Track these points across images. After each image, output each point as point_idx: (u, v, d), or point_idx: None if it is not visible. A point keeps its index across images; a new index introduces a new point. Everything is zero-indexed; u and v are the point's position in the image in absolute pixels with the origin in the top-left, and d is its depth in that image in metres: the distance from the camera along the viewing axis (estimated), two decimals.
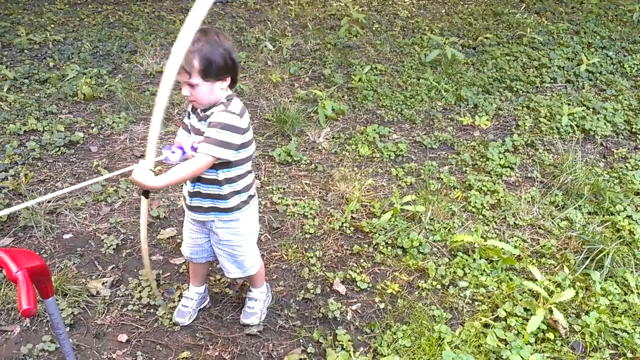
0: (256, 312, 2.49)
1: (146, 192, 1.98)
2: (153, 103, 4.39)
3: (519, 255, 2.97)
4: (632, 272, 2.87)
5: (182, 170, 1.93)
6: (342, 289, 2.72)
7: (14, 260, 1.51)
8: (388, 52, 5.63)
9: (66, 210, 3.13)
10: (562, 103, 4.60)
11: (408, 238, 3.02)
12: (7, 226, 2.99)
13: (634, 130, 4.32)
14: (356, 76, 4.93)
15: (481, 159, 3.85)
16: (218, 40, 1.88)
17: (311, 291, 2.69)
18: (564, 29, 6.34)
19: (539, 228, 3.23)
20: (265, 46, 5.44)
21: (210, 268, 2.77)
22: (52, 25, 5.85)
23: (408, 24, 6.46)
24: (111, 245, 2.89)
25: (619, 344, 2.49)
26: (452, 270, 2.85)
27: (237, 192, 2.11)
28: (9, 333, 2.39)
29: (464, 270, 2.85)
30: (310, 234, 3.08)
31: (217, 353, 2.36)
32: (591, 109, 4.55)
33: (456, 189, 3.52)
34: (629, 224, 3.21)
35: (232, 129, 1.94)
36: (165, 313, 2.51)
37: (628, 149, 4.11)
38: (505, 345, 2.42)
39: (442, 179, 3.61)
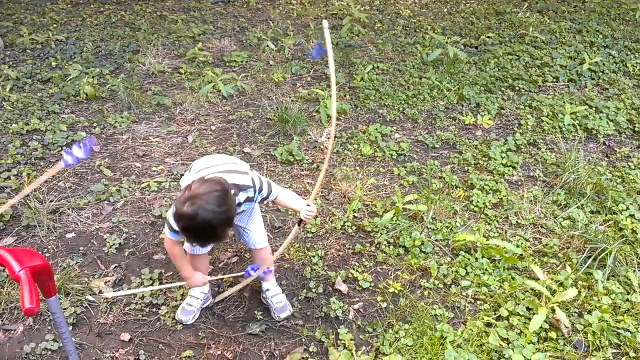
0: (286, 303, 2.57)
1: (301, 221, 2.32)
2: (155, 102, 4.39)
3: (521, 255, 2.97)
4: (634, 271, 2.87)
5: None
6: (344, 288, 2.72)
7: (17, 259, 1.52)
8: (390, 51, 5.63)
9: (69, 209, 3.14)
10: (564, 102, 4.59)
11: (410, 237, 3.02)
12: (10, 225, 3.00)
13: (636, 129, 4.31)
14: (358, 75, 4.92)
15: (483, 158, 3.85)
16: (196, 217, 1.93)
17: (313, 290, 2.70)
18: (566, 28, 6.33)
19: (541, 227, 3.23)
20: (267, 45, 5.45)
21: (212, 267, 2.77)
22: (55, 25, 5.86)
23: (410, 23, 6.46)
24: (114, 244, 2.90)
25: (621, 343, 2.48)
26: (454, 270, 2.85)
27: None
28: (12, 332, 2.40)
29: (466, 270, 2.85)
30: (312, 233, 3.08)
31: (219, 352, 2.36)
32: (594, 108, 4.54)
33: (458, 188, 3.52)
34: (632, 223, 3.20)
35: (260, 178, 2.30)
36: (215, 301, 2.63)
37: (631, 147, 4.10)
38: (508, 344, 2.42)
39: (444, 178, 3.60)
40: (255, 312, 2.56)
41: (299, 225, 2.37)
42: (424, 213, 3.19)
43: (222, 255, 2.89)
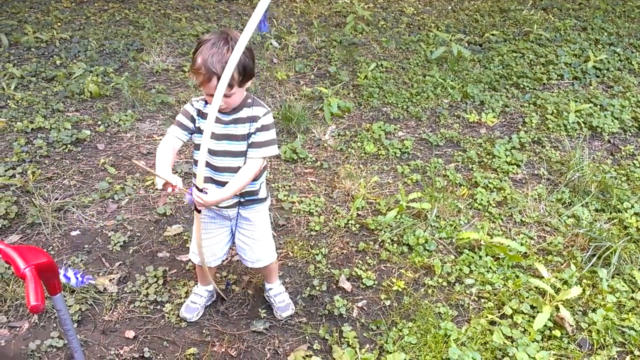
0: (289, 302, 2.56)
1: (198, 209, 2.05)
2: (159, 101, 4.40)
3: (526, 253, 2.96)
4: (639, 269, 2.86)
5: (243, 178, 2.02)
6: (347, 286, 2.73)
7: (22, 257, 1.52)
8: (394, 49, 5.62)
9: (73, 207, 3.15)
10: (569, 100, 4.58)
11: (414, 235, 3.02)
12: (15, 223, 3.01)
13: None
14: (362, 73, 4.92)
15: (487, 156, 3.84)
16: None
17: (317, 288, 2.70)
18: (571, 26, 6.31)
19: (546, 225, 3.22)
20: (271, 44, 5.44)
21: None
22: (59, 24, 5.88)
23: (414, 21, 6.45)
24: (118, 242, 2.91)
25: (626, 342, 2.47)
26: (458, 268, 2.84)
27: (262, 182, 2.24)
28: (18, 329, 2.41)
29: (470, 268, 2.85)
30: (316, 231, 3.09)
31: (223, 349, 2.37)
32: (598, 106, 4.52)
33: (462, 186, 3.51)
34: (637, 221, 3.19)
35: (274, 124, 2.07)
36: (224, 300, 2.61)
37: (636, 145, 4.08)
38: (512, 342, 2.42)
39: (448, 176, 3.60)
40: (259, 309, 2.57)
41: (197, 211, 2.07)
42: (427, 211, 3.19)
43: None
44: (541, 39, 5.85)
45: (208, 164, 2.08)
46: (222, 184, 2.10)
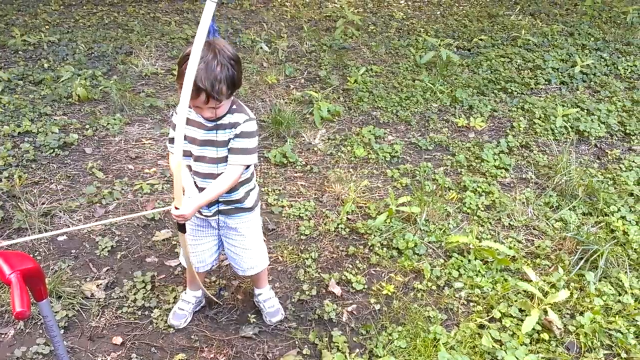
0: (278, 307, 2.54)
1: (182, 227, 2.01)
2: (148, 104, 4.38)
3: (514, 256, 2.98)
4: (626, 272, 2.88)
5: (220, 185, 1.99)
6: (337, 290, 2.72)
7: (7, 262, 1.50)
8: (383, 53, 5.64)
9: (60, 212, 3.12)
10: (556, 104, 4.62)
11: (403, 239, 3.02)
12: (1, 228, 2.97)
13: (627, 131, 4.34)
14: (352, 78, 4.93)
15: (476, 160, 3.86)
16: (227, 54, 1.83)
17: (307, 292, 2.69)
18: (558, 31, 6.38)
19: (534, 229, 3.24)
20: (261, 48, 5.44)
21: None
22: (47, 27, 5.84)
23: (403, 26, 6.48)
24: (106, 247, 2.88)
25: (613, 344, 2.50)
26: (447, 271, 2.85)
27: (251, 189, 2.21)
28: (3, 336, 2.38)
29: (459, 271, 2.86)
30: (306, 235, 3.08)
31: (212, 355, 2.35)
32: (585, 110, 4.57)
33: (451, 190, 3.53)
34: (623, 224, 3.22)
35: (255, 133, 2.02)
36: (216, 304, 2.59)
37: (622, 150, 4.13)
38: (500, 345, 2.43)
39: (437, 180, 3.61)
40: (249, 315, 2.56)
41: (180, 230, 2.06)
42: (417, 215, 3.20)
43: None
44: (529, 44, 5.92)
45: (190, 170, 2.07)
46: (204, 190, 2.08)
